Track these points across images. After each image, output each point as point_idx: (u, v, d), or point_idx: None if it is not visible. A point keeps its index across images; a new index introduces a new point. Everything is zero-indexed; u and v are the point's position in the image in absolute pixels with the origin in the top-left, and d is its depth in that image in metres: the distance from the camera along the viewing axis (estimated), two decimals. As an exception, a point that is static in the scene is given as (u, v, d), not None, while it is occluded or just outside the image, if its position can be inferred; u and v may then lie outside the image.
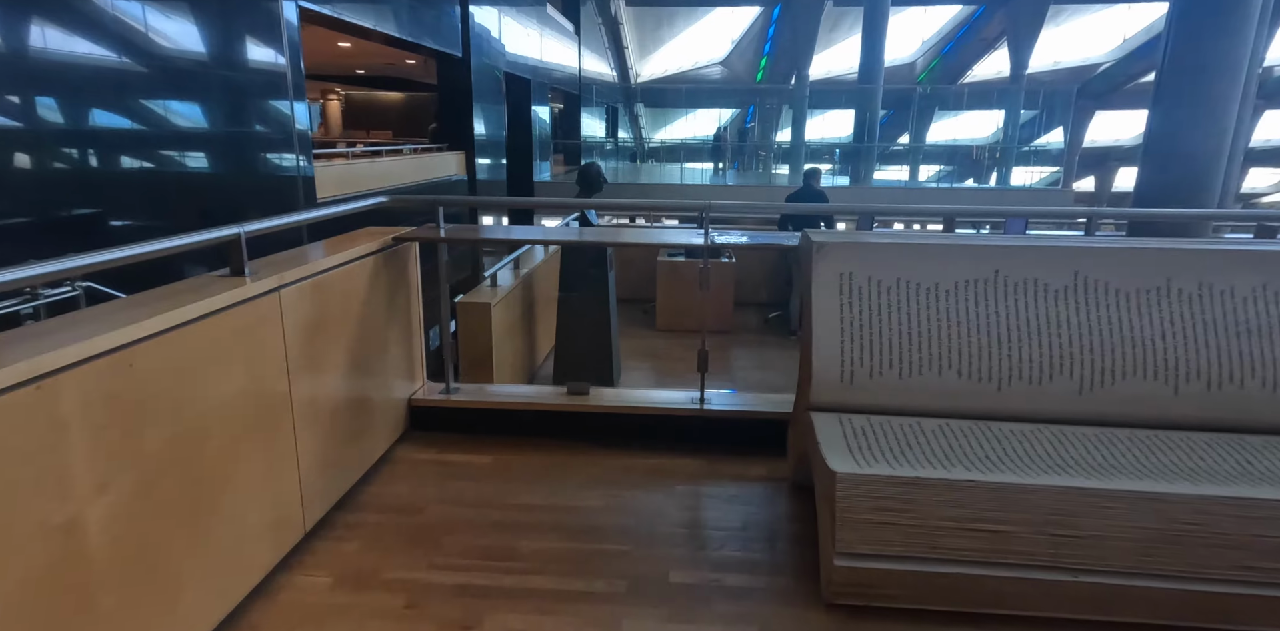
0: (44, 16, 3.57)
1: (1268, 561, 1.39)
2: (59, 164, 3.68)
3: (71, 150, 3.77)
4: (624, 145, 26.93)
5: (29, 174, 3.45)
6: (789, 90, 23.94)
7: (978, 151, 22.36)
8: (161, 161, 4.61)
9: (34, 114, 3.53)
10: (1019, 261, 1.82)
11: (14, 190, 3.34)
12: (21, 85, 3.43)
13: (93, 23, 3.92)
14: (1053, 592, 1.45)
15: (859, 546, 1.48)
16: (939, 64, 30.66)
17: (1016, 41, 22.91)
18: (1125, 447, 1.64)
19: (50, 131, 3.60)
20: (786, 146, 23.93)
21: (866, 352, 1.80)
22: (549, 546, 1.73)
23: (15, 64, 3.35)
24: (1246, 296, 1.74)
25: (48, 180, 3.56)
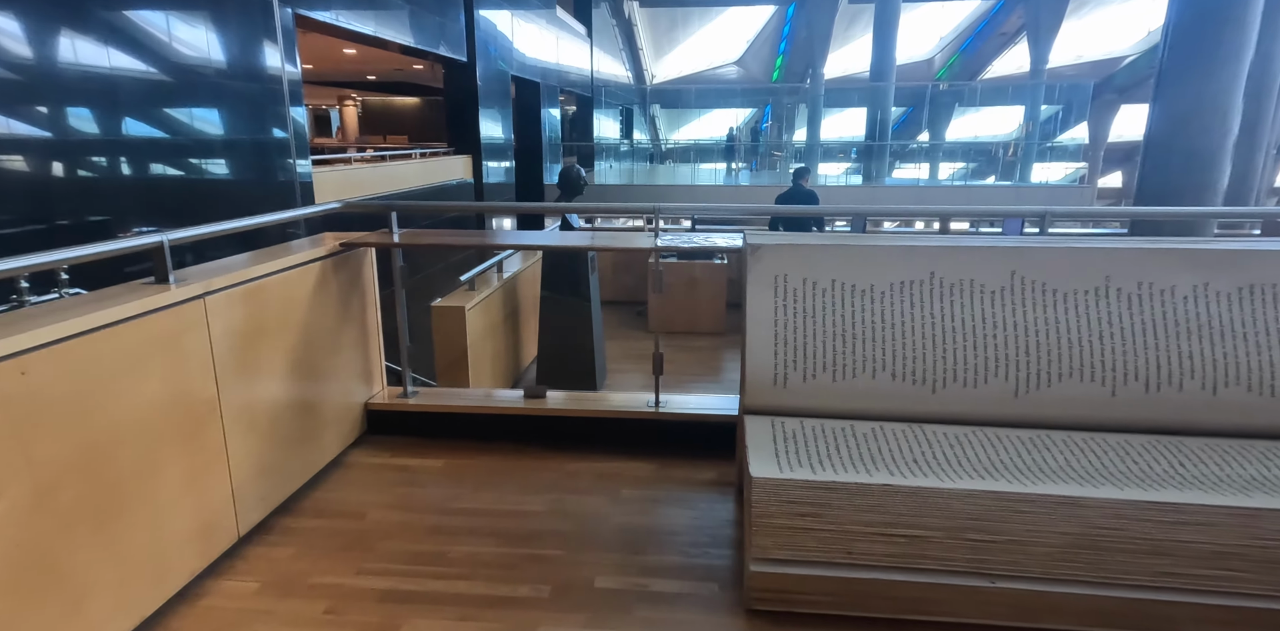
0: (28, 21, 3.67)
1: (1187, 567, 1.35)
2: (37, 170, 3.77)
3: (50, 157, 3.86)
4: (641, 147, 26.94)
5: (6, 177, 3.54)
6: (804, 89, 23.81)
7: (998, 149, 22.02)
8: (150, 168, 4.70)
9: (13, 122, 3.63)
10: (955, 262, 1.79)
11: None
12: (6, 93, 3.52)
13: (82, 29, 4.02)
14: (971, 598, 1.43)
15: (775, 552, 1.46)
16: (958, 60, 30.27)
17: (1036, 36, 22.53)
18: (1058, 451, 1.61)
19: (33, 138, 3.70)
20: (801, 146, 23.80)
21: (800, 355, 1.78)
22: (481, 551, 1.74)
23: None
24: (1187, 295, 1.70)
25: (25, 185, 3.65)
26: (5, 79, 3.47)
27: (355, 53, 11.08)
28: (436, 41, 10.29)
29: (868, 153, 20.44)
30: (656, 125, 31.25)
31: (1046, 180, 20.13)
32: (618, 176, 21.71)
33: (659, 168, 24.41)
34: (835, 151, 23.38)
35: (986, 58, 29.28)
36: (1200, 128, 5.18)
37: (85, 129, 4.09)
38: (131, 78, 4.39)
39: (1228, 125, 5.20)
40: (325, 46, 10.44)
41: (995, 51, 28.83)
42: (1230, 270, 1.69)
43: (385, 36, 8.67)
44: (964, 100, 23.89)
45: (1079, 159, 21.20)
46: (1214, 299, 1.69)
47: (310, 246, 2.12)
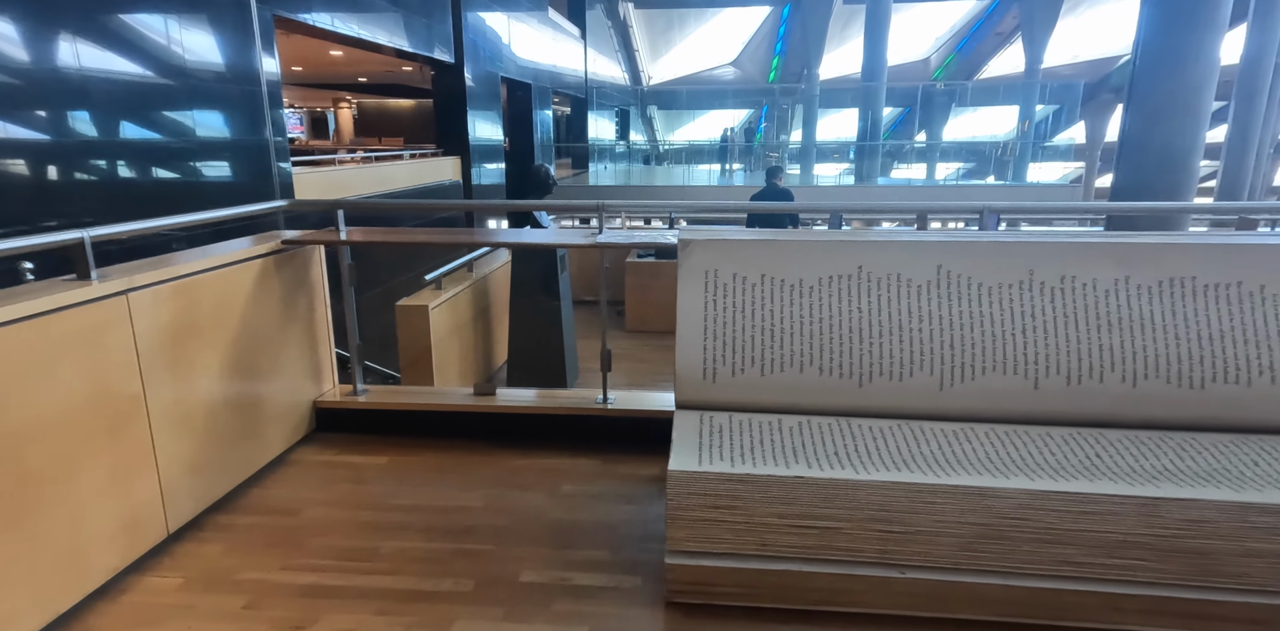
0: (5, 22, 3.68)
1: (1091, 556, 1.36)
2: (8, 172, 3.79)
3: (20, 160, 3.87)
4: (639, 148, 26.94)
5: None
6: (799, 90, 23.83)
7: (990, 149, 22.05)
8: (120, 171, 4.71)
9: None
10: (882, 256, 1.80)
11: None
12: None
13: (55, 30, 4.03)
14: (883, 589, 1.44)
15: (689, 544, 1.47)
16: (954, 60, 30.32)
17: (1031, 35, 22.57)
18: (979, 443, 1.62)
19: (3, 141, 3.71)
20: (796, 146, 23.84)
21: (729, 350, 1.79)
22: (411, 546, 1.75)
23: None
24: (1109, 289, 1.71)
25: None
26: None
27: (342, 55, 11.10)
28: (423, 43, 10.30)
29: (860, 153, 20.46)
30: (654, 126, 31.30)
31: (1038, 180, 20.15)
32: (613, 178, 21.75)
33: (656, 169, 24.44)
34: (829, 152, 23.41)
35: (983, 58, 29.33)
36: (1173, 126, 5.20)
37: (50, 131, 4.10)
38: (102, 79, 4.40)
39: (1199, 123, 5.21)
40: (311, 48, 10.46)
41: (991, 51, 28.88)
42: (1151, 264, 1.71)
43: (369, 38, 8.69)
44: (957, 100, 23.93)
45: (1071, 158, 21.21)
46: (1135, 292, 1.70)
47: (252, 244, 2.13)
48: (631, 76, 30.32)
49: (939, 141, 22.97)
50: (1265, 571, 1.32)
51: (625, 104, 27.32)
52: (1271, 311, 1.64)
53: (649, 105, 30.93)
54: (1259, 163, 19.66)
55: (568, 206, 3.01)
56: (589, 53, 22.00)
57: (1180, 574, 1.35)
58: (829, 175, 21.24)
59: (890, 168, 21.59)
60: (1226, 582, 1.33)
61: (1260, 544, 1.32)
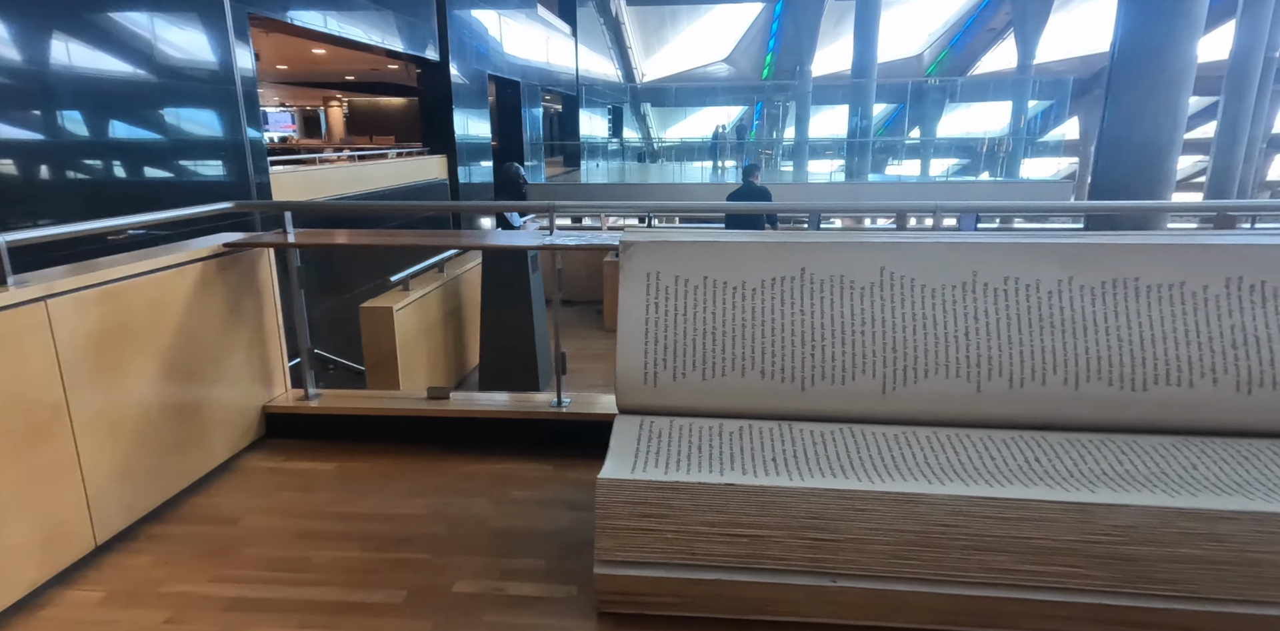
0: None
1: (1021, 563, 1.34)
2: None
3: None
4: (633, 146, 26.85)
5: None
6: (790, 87, 23.79)
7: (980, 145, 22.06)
8: (87, 171, 4.65)
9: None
10: (826, 258, 1.78)
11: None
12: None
13: (14, 25, 3.97)
14: (815, 597, 1.42)
15: (618, 553, 1.44)
16: (947, 56, 30.30)
17: (1023, 31, 22.55)
18: (919, 448, 1.59)
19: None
20: (789, 144, 23.79)
21: (670, 354, 1.76)
22: (347, 556, 1.72)
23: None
24: (1052, 290, 1.69)
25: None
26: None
27: (325, 53, 11.01)
28: (406, 41, 10.23)
29: (850, 150, 20.44)
30: (648, 124, 31.22)
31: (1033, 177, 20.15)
32: (605, 175, 21.68)
33: (651, 167, 24.37)
34: (822, 149, 23.37)
35: (975, 54, 29.32)
36: (1150, 123, 5.18)
37: (16, 130, 4.04)
38: (66, 77, 4.34)
39: (1177, 120, 5.20)
40: (293, 47, 10.38)
41: (984, 47, 28.86)
42: (1094, 264, 1.68)
43: (349, 36, 8.62)
44: (950, 97, 23.90)
45: (1061, 154, 21.22)
46: (1078, 293, 1.68)
47: (193, 248, 2.09)
48: (625, 74, 30.23)
49: (932, 138, 22.94)
50: (1195, 577, 1.30)
51: (618, 101, 27.24)
52: (1214, 312, 1.62)
53: (643, 102, 30.85)
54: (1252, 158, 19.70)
55: (517, 207, 2.98)
56: (581, 50, 21.92)
57: (1110, 581, 1.32)
58: (821, 172, 21.21)
59: (885, 165, 21.55)
60: (1157, 589, 1.31)
61: (1190, 549, 1.30)
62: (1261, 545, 1.29)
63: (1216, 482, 1.43)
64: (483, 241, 2.35)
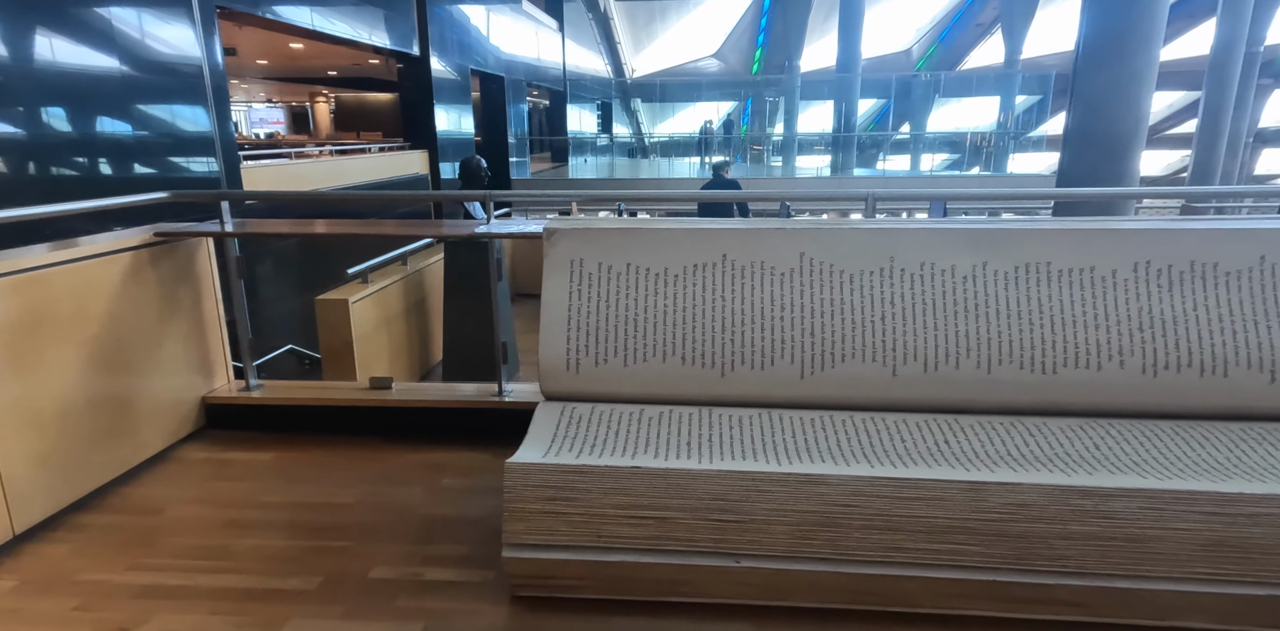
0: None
1: (919, 542, 1.36)
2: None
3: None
4: (624, 141, 26.75)
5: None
6: (779, 82, 23.77)
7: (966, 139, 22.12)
8: (47, 168, 4.61)
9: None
10: (747, 245, 1.79)
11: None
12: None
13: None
14: (720, 578, 1.43)
15: (526, 537, 1.45)
16: (936, 51, 30.35)
17: (1010, 25, 22.59)
18: (834, 431, 1.61)
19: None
20: (778, 139, 23.79)
21: (593, 340, 1.77)
22: (268, 544, 1.72)
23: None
24: (967, 275, 1.70)
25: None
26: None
27: (303, 48, 10.92)
28: (384, 35, 10.16)
29: (835, 145, 20.47)
30: (638, 119, 31.15)
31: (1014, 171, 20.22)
32: (594, 171, 21.64)
33: (642, 162, 24.31)
34: (809, 144, 23.37)
35: (964, 48, 29.38)
36: (1114, 114, 5.22)
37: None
38: (24, 69, 4.29)
39: (1140, 112, 5.24)
40: (270, 41, 10.29)
41: (973, 42, 28.92)
42: (1007, 250, 1.70)
43: (325, 30, 8.56)
44: (936, 92, 23.92)
45: (1044, 149, 21.28)
46: (992, 278, 1.69)
47: (123, 237, 2.08)
48: (614, 69, 30.13)
49: (922, 132, 22.96)
50: (1084, 554, 1.32)
51: (607, 97, 27.16)
52: (1122, 296, 1.64)
53: (633, 98, 30.77)
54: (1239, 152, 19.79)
55: (453, 196, 2.97)
56: (569, 46, 21.82)
57: (1005, 558, 1.34)
58: (809, 167, 21.24)
59: (876, 159, 21.54)
60: (1048, 565, 1.33)
61: (1080, 526, 1.32)
62: (1149, 521, 1.31)
63: (1115, 462, 1.46)
64: (418, 230, 2.35)
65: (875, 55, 29.57)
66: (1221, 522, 1.29)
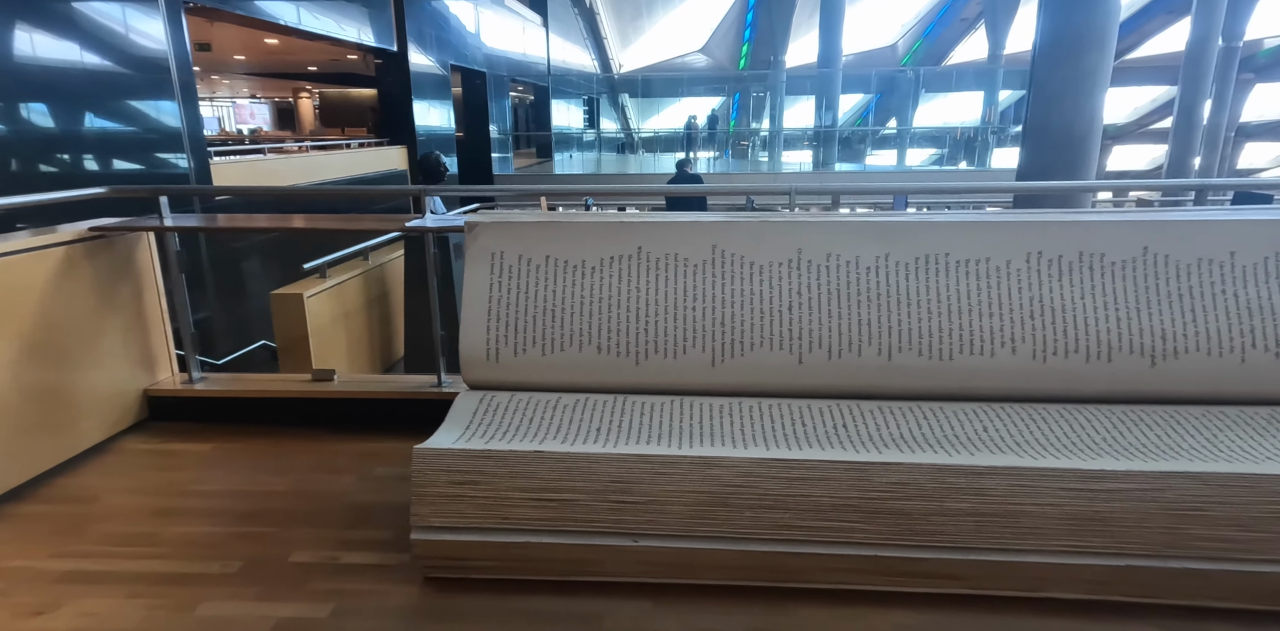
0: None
1: (807, 520, 1.42)
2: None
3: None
4: (613, 136, 26.69)
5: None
6: (765, 78, 23.82)
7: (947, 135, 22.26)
8: (8, 164, 4.59)
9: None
10: (662, 237, 1.84)
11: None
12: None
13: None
14: (621, 557, 1.49)
15: (434, 519, 1.51)
16: (921, 46, 30.47)
17: (994, 21, 22.73)
18: (741, 417, 1.67)
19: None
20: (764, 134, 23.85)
21: (512, 330, 1.82)
22: (194, 531, 1.76)
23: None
24: (870, 266, 1.77)
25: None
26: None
27: (278, 43, 10.87)
28: (359, 30, 10.13)
29: (816, 140, 20.56)
30: (627, 114, 31.11)
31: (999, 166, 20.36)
32: (581, 166, 21.64)
33: (630, 157, 24.31)
34: (795, 140, 23.44)
35: (949, 44, 29.51)
36: (1070, 109, 5.31)
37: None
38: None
39: (1095, 106, 5.33)
40: (245, 36, 10.23)
41: (957, 37, 29.06)
42: (909, 241, 1.76)
43: (298, 25, 8.52)
44: (921, 87, 24.02)
45: (1021, 144, 21.39)
46: (893, 269, 1.76)
47: (58, 233, 2.11)
48: (601, 64, 30.07)
49: (908, 127, 23.07)
50: (959, 529, 1.39)
51: (593, 92, 27.10)
52: (1015, 285, 1.71)
53: (620, 93, 30.72)
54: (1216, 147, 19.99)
55: (387, 191, 3.01)
56: (555, 41, 21.75)
57: (886, 534, 1.41)
58: (793, 162, 21.33)
59: (864, 155, 21.59)
60: (926, 540, 1.40)
61: (955, 503, 1.39)
62: (1019, 498, 1.38)
63: (997, 443, 1.53)
64: (355, 225, 2.39)
65: (861, 50, 29.68)
66: (1085, 498, 1.36)
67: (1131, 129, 24.98)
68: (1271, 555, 1.31)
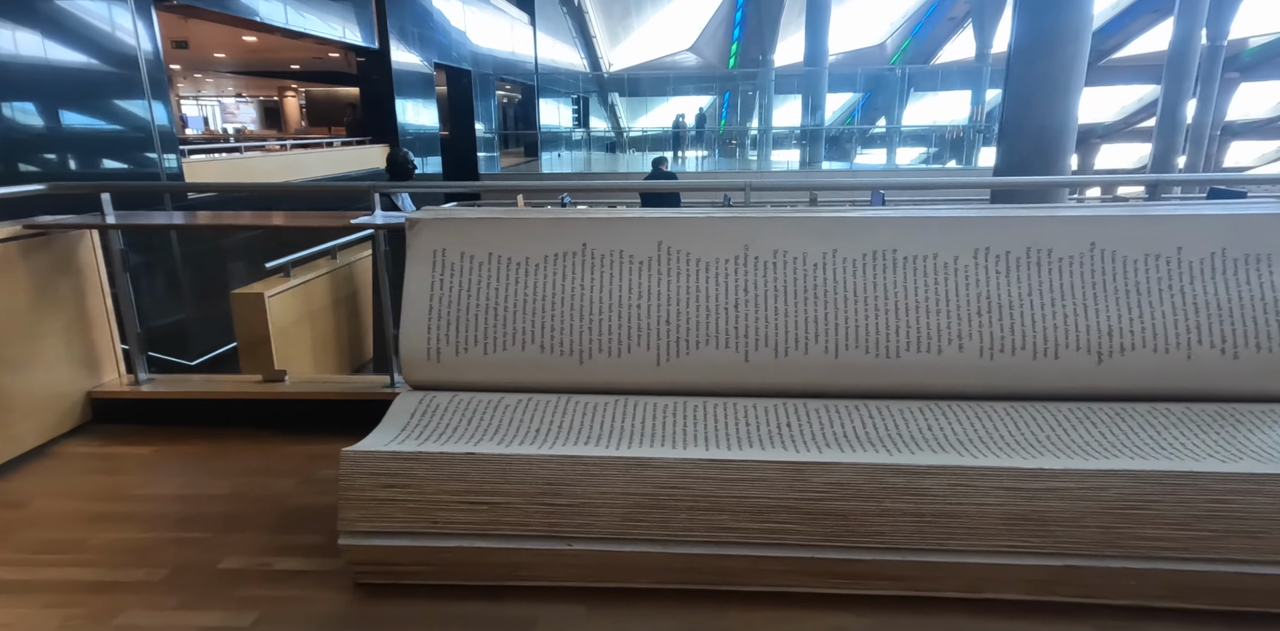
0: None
1: (742, 521, 1.39)
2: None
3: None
4: (603, 135, 26.60)
5: None
6: (753, 77, 23.81)
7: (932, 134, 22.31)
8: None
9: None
10: (607, 233, 1.80)
11: None
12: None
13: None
14: (554, 561, 1.45)
15: (362, 524, 1.46)
16: (910, 45, 30.55)
17: (981, 20, 22.80)
18: (684, 416, 1.63)
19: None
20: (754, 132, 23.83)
21: (453, 329, 1.78)
22: (125, 537, 1.71)
23: None
24: (817, 262, 1.73)
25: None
26: None
27: (257, 41, 10.75)
28: (340, 28, 10.03)
29: (803, 138, 20.57)
30: (617, 113, 31.02)
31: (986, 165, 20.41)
32: (569, 165, 21.57)
33: (621, 156, 24.25)
34: (781, 138, 23.43)
35: (938, 42, 29.60)
36: (1045, 107, 5.31)
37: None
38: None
39: (1070, 103, 5.33)
40: (223, 34, 10.11)
41: (946, 36, 29.15)
42: (856, 237, 1.73)
43: (277, 22, 8.42)
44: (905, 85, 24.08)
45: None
46: (841, 265, 1.73)
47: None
48: (591, 63, 29.98)
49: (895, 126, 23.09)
50: (898, 530, 1.36)
51: (581, 91, 27.03)
52: (962, 282, 1.68)
53: (610, 92, 30.64)
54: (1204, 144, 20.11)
55: (337, 188, 2.96)
56: (543, 39, 21.66)
57: (824, 535, 1.38)
58: (781, 161, 21.32)
59: (854, 153, 21.57)
60: (865, 542, 1.37)
61: (893, 504, 1.36)
62: (957, 497, 1.35)
63: (941, 441, 1.50)
64: (304, 222, 2.34)
65: (850, 49, 29.72)
66: (1023, 497, 1.33)
67: (1119, 127, 25.15)
68: (1210, 554, 1.29)
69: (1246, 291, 1.58)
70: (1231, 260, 1.60)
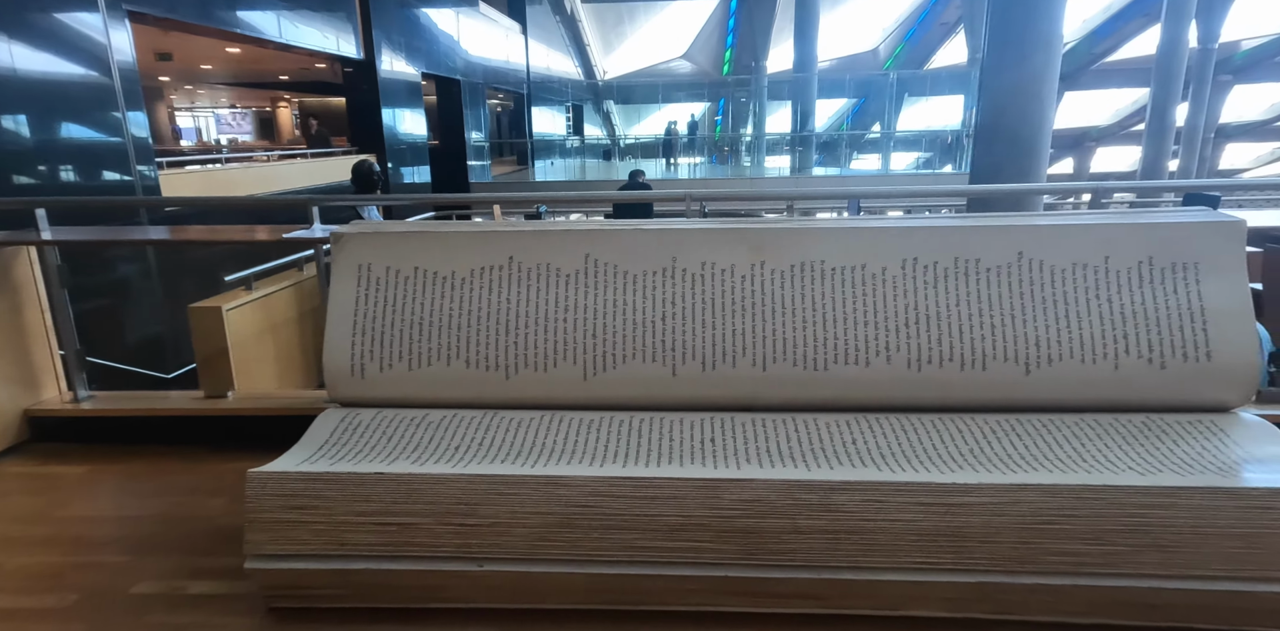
0: None
1: (655, 540, 1.36)
2: None
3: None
4: (599, 143, 26.65)
5: None
6: (746, 83, 23.89)
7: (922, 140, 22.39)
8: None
9: None
10: (534, 247, 1.78)
11: None
12: None
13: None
14: (463, 582, 1.42)
15: (269, 547, 1.43)
16: (903, 50, 30.71)
17: (972, 25, 22.93)
18: (609, 431, 1.60)
19: None
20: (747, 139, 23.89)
21: (378, 345, 1.75)
22: (39, 561, 1.67)
23: None
24: (745, 274, 1.71)
25: None
26: None
27: (241, 52, 10.77)
28: (324, 39, 10.05)
29: (794, 145, 20.64)
30: (612, 121, 31.10)
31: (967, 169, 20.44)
32: (563, 173, 21.61)
33: (617, 164, 24.33)
34: (774, 145, 23.49)
35: (931, 47, 29.77)
36: (1018, 113, 5.32)
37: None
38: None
39: (1044, 109, 5.34)
40: (206, 46, 10.13)
41: (938, 41, 29.32)
42: (785, 248, 1.71)
43: (256, 34, 8.43)
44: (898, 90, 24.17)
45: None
46: (769, 277, 1.70)
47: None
48: (585, 71, 30.11)
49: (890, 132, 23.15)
50: (812, 547, 1.33)
51: (575, 99, 27.11)
52: (890, 293, 1.65)
53: (605, 100, 30.73)
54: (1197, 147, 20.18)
55: (270, 203, 2.96)
56: (536, 48, 21.74)
57: (737, 553, 1.35)
58: (773, 167, 21.38)
59: (850, 159, 21.60)
60: (779, 560, 1.34)
61: (808, 521, 1.33)
62: (871, 513, 1.32)
63: (861, 456, 1.47)
64: (250, 236, 2.32)
65: (843, 55, 29.86)
66: (937, 512, 1.30)
67: (1113, 131, 25.25)
68: (1125, 569, 1.26)
69: (1173, 301, 1.56)
70: (1159, 269, 1.58)
